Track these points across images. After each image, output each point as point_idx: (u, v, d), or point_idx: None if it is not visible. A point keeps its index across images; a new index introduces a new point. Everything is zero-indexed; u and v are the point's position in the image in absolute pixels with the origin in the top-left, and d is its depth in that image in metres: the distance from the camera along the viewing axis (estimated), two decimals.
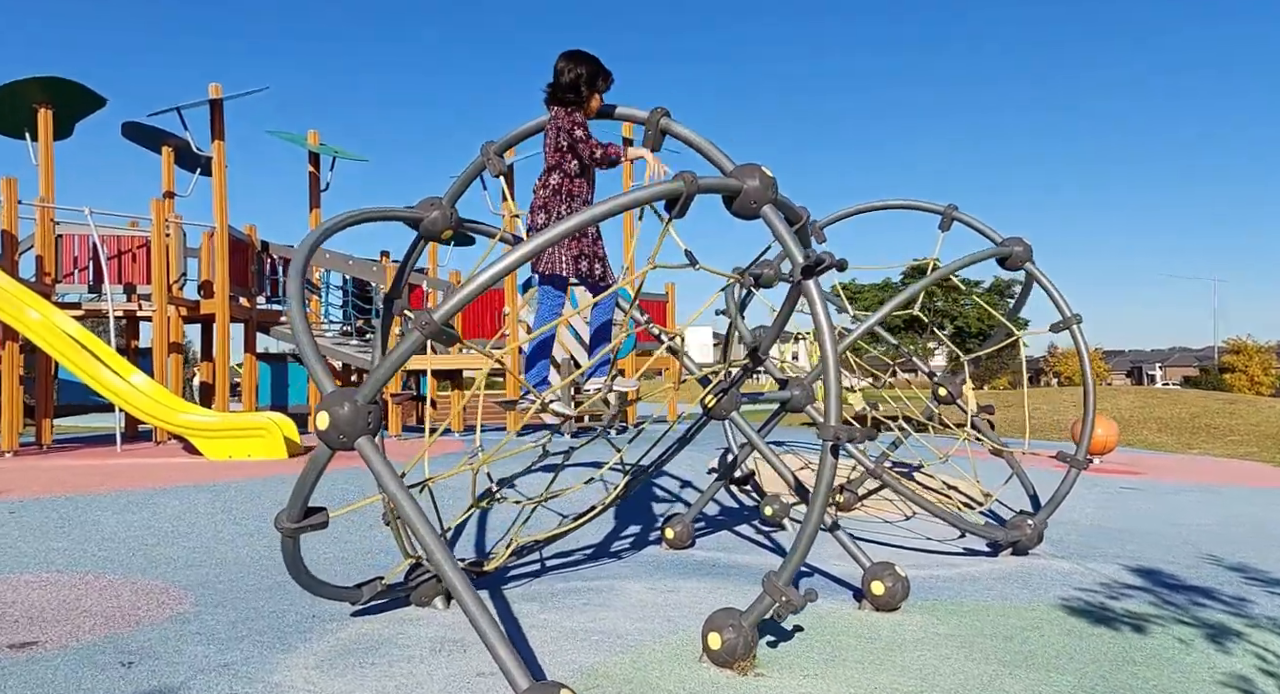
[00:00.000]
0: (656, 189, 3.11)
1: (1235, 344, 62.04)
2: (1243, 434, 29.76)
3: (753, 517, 6.89)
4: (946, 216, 5.75)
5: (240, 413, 9.42)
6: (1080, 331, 5.53)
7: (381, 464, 2.98)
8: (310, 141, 13.17)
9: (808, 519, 3.28)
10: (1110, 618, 4.23)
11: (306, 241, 3.53)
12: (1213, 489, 9.71)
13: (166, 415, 8.22)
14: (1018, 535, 5.43)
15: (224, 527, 5.79)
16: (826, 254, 3.21)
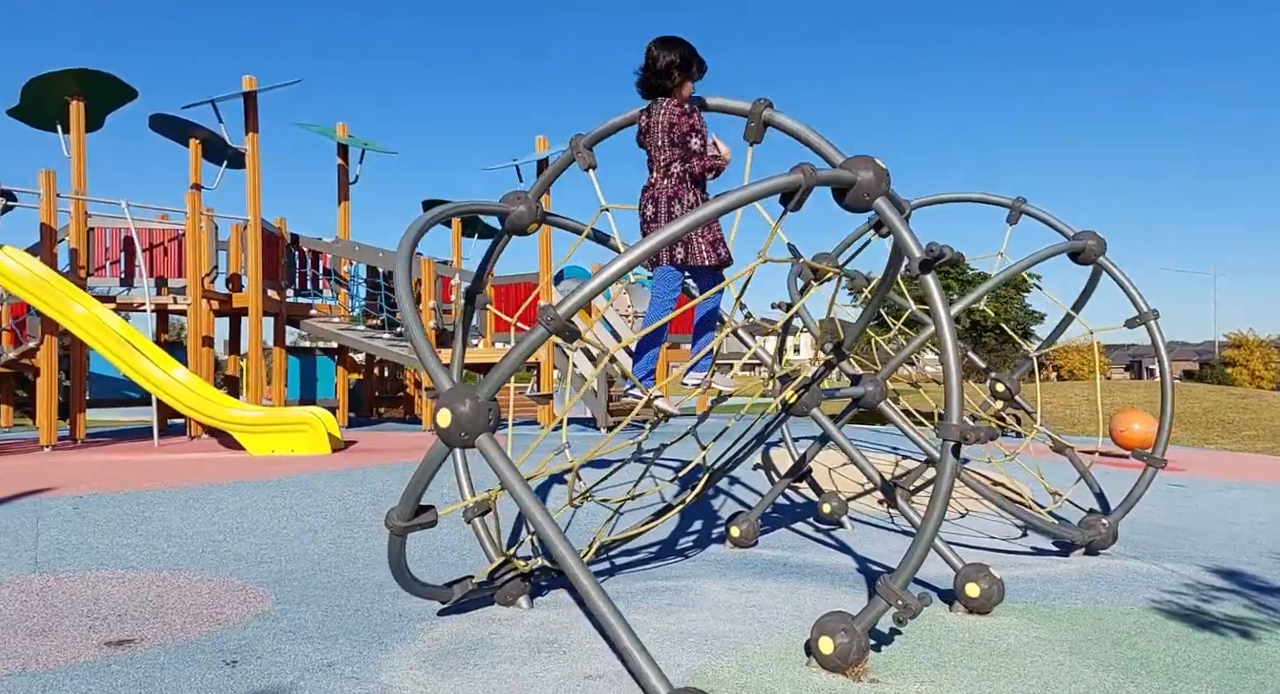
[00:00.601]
0: (777, 181, 3.03)
1: (1236, 338, 61.89)
2: (1257, 429, 29.73)
3: (807, 513, 6.81)
4: (1015, 210, 5.66)
5: (284, 408, 9.36)
6: (1157, 327, 5.45)
7: (504, 462, 2.91)
8: (339, 134, 13.09)
9: (926, 521, 3.21)
10: (1211, 622, 4.15)
11: (406, 239, 3.46)
12: (1258, 486, 9.62)
13: (213, 410, 8.16)
14: (1093, 535, 5.35)
15: (286, 523, 5.73)
16: (946, 247, 3.13)
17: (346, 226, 13.21)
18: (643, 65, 4.00)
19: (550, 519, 2.84)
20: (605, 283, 2.87)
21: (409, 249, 3.38)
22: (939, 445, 3.15)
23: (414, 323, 3.12)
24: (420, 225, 3.52)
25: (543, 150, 10.82)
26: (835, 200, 3.29)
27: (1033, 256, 5.23)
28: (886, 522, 6.71)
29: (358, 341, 11.74)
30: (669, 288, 4.08)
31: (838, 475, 7.58)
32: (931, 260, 3.11)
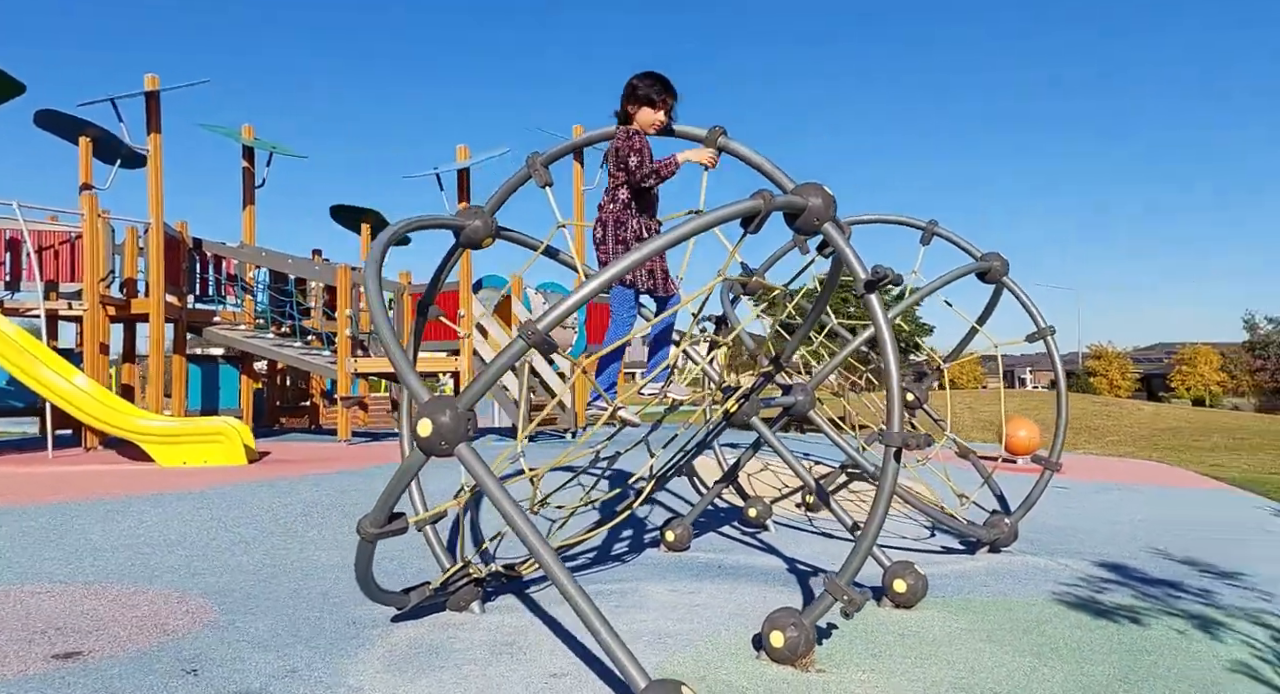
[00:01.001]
0: (741, 207, 3.25)
1: (1097, 350, 66.31)
2: (1119, 434, 31.89)
3: (731, 518, 7.08)
4: (928, 232, 6.06)
5: (198, 418, 9.08)
6: (1053, 342, 5.93)
7: (483, 470, 3.02)
8: (245, 136, 12.76)
9: (870, 521, 3.47)
10: (1106, 611, 4.56)
11: (373, 256, 3.52)
12: (1130, 488, 10.45)
13: (119, 420, 7.87)
14: (998, 534, 5.78)
15: (216, 534, 5.63)
16: (888, 269, 3.41)
17: (252, 231, 12.88)
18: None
19: (531, 524, 2.96)
20: (580, 301, 3.02)
21: (376, 265, 3.45)
22: (882, 452, 3.42)
23: (389, 337, 3.20)
24: (384, 241, 3.59)
25: (464, 159, 10.82)
26: (787, 223, 3.53)
27: (945, 276, 5.63)
28: (805, 524, 7.03)
29: (267, 350, 11.46)
30: (627, 307, 4.26)
31: (755, 481, 7.89)
32: (875, 281, 3.38)
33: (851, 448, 5.59)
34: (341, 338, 10.51)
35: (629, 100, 4.17)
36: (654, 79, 4.15)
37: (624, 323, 4.23)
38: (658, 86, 4.14)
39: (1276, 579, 5.61)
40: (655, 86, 4.13)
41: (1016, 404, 39.31)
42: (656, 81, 4.15)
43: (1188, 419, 36.32)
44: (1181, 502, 9.86)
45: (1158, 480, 11.75)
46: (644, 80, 4.15)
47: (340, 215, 14.48)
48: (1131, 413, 38.58)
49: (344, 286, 10.75)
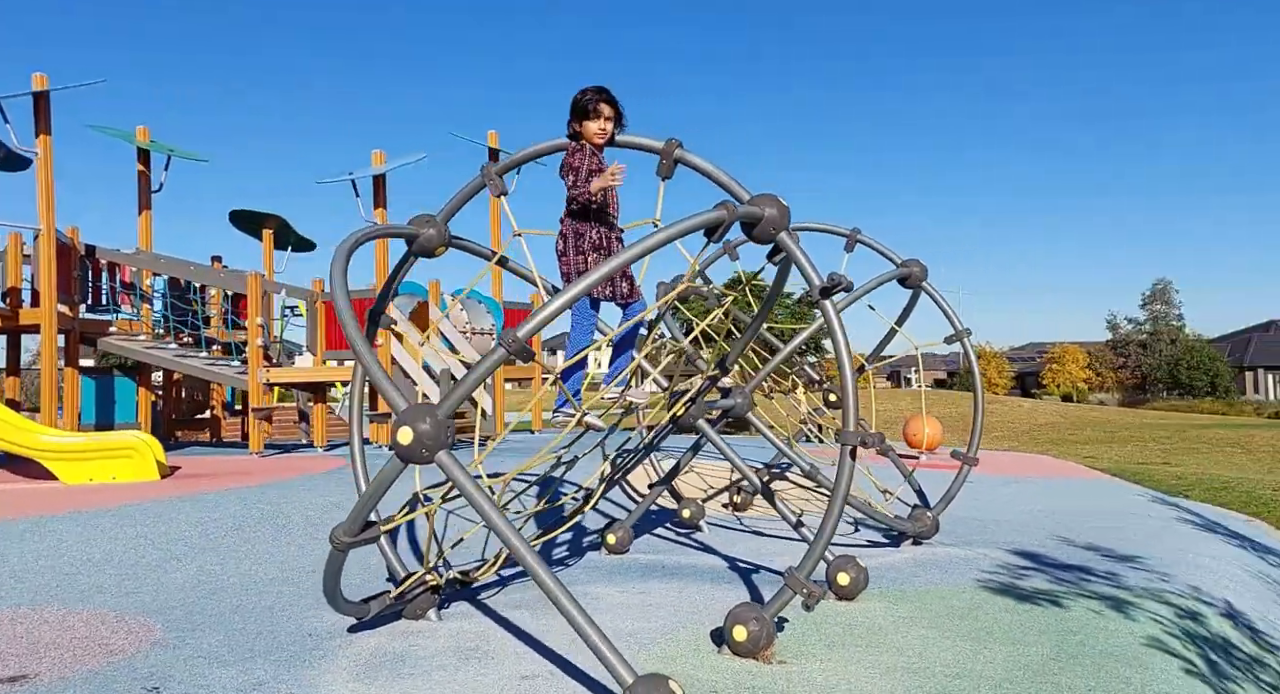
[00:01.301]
0: (706, 217, 3.38)
1: (977, 349, 69.59)
2: (1002, 430, 33.63)
3: (663, 520, 7.21)
4: (851, 239, 6.34)
5: (106, 433, 8.65)
6: (969, 344, 6.29)
7: (465, 477, 3.06)
8: (140, 138, 12.22)
9: (828, 517, 3.64)
10: (1028, 596, 4.88)
11: (336, 267, 3.49)
12: (1028, 480, 11.07)
13: (19, 437, 7.44)
14: (921, 527, 6.08)
15: (144, 552, 5.42)
16: (842, 275, 3.60)
17: (148, 237, 12.32)
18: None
19: (515, 530, 3.01)
20: (556, 311, 3.09)
21: (341, 277, 3.43)
22: (840, 450, 3.60)
23: (363, 346, 3.19)
24: (346, 251, 3.57)
25: (380, 165, 10.64)
26: (744, 232, 3.68)
27: (870, 283, 5.90)
28: (735, 523, 7.23)
29: (170, 361, 11.00)
30: (587, 318, 4.34)
31: (680, 482, 8.05)
32: (830, 288, 3.56)
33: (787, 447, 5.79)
34: (253, 347, 10.19)
35: (573, 115, 4.32)
36: (592, 91, 4.28)
37: (584, 332, 4.31)
38: (594, 98, 4.26)
39: (1169, 560, 6.08)
40: (592, 98, 4.26)
41: (908, 403, 40.89)
42: (593, 93, 4.28)
43: (1062, 414, 38.56)
44: (1071, 491, 10.50)
45: (1048, 472, 12.48)
46: (583, 94, 4.27)
47: (240, 220, 13.99)
48: (1012, 409, 40.70)
49: (254, 294, 10.42)
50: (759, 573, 5.38)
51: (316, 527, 6.18)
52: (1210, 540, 7.25)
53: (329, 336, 10.65)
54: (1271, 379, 58.59)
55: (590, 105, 4.30)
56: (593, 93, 4.32)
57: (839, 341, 3.59)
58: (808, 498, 8.08)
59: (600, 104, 4.30)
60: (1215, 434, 26.02)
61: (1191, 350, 58.67)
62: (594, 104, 4.30)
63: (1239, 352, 60.69)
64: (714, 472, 8.44)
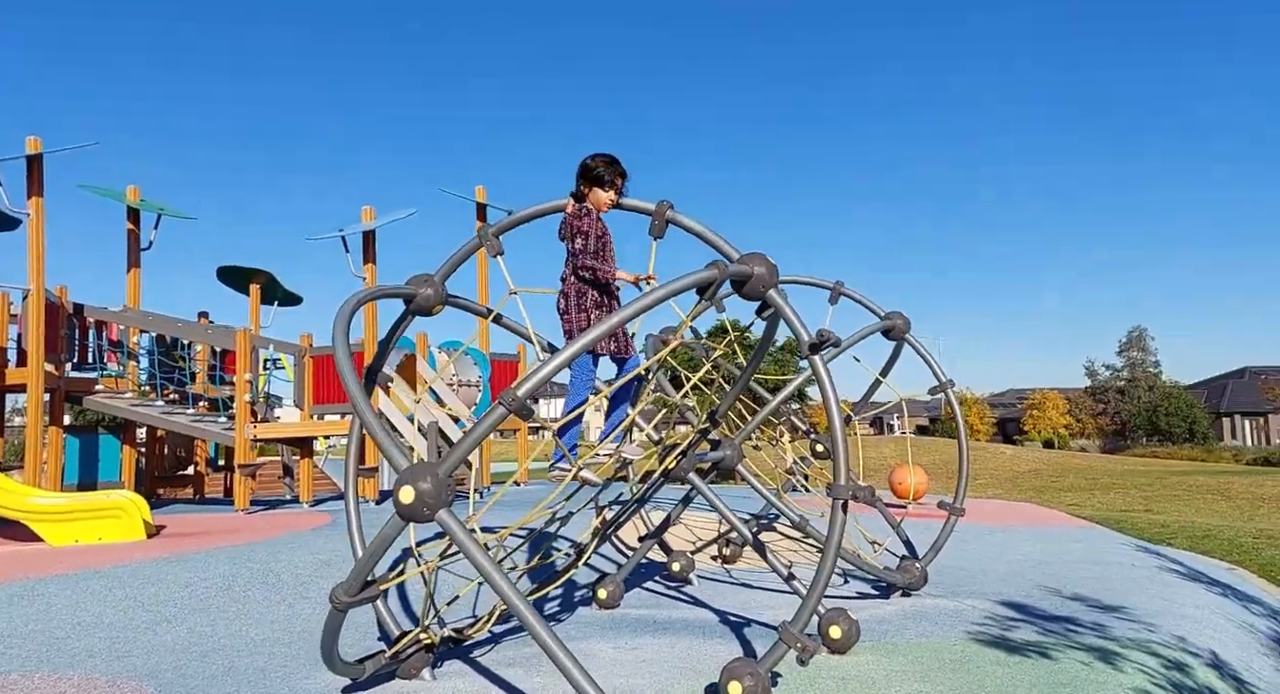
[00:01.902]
0: (700, 276, 3.51)
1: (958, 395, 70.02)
2: (986, 477, 33.75)
3: (652, 573, 7.22)
4: (835, 292, 6.48)
5: (92, 493, 8.58)
6: (952, 394, 6.41)
7: (465, 535, 3.11)
8: (130, 198, 12.33)
9: (820, 570, 3.71)
10: (1018, 648, 4.92)
11: (339, 327, 3.58)
12: (1014, 529, 11.13)
13: (7, 500, 7.38)
14: (910, 578, 6.13)
15: (134, 614, 5.39)
16: (828, 331, 3.72)
17: (137, 294, 12.36)
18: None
19: (515, 588, 3.06)
20: (556, 369, 3.19)
21: (343, 337, 3.52)
22: (832, 504, 3.67)
23: (364, 405, 3.26)
24: (349, 311, 3.66)
25: (369, 221, 10.79)
26: (734, 289, 3.81)
27: (856, 335, 6.03)
28: (724, 576, 7.25)
29: (156, 418, 10.96)
30: (586, 373, 4.44)
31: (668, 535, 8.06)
32: (819, 344, 3.68)
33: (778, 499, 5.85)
34: (240, 403, 10.18)
35: (582, 179, 4.47)
36: (606, 160, 4.43)
37: (582, 388, 4.40)
38: (609, 168, 4.42)
39: (1154, 610, 6.15)
40: (607, 168, 4.41)
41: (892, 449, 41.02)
42: (608, 163, 4.43)
43: (1044, 461, 38.73)
44: (1056, 540, 10.56)
45: (1032, 521, 12.54)
46: (597, 161, 4.42)
47: (228, 276, 14.07)
48: (995, 456, 40.87)
49: (243, 350, 10.45)
50: (750, 626, 5.41)
51: (307, 585, 6.16)
52: (1194, 589, 7.32)
53: (316, 391, 10.67)
54: (1248, 425, 59.22)
55: (606, 176, 4.47)
56: (610, 164, 4.50)
57: (828, 396, 3.69)
58: (795, 549, 8.10)
59: (617, 177, 4.48)
60: (1195, 481, 26.21)
61: (1169, 397, 59.30)
62: (610, 176, 4.48)
63: (1215, 398, 61.40)
64: (701, 524, 8.47)
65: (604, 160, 4.43)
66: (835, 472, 3.67)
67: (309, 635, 5.22)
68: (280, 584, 6.15)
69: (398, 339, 4.46)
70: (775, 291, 3.78)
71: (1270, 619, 6.86)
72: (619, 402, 4.62)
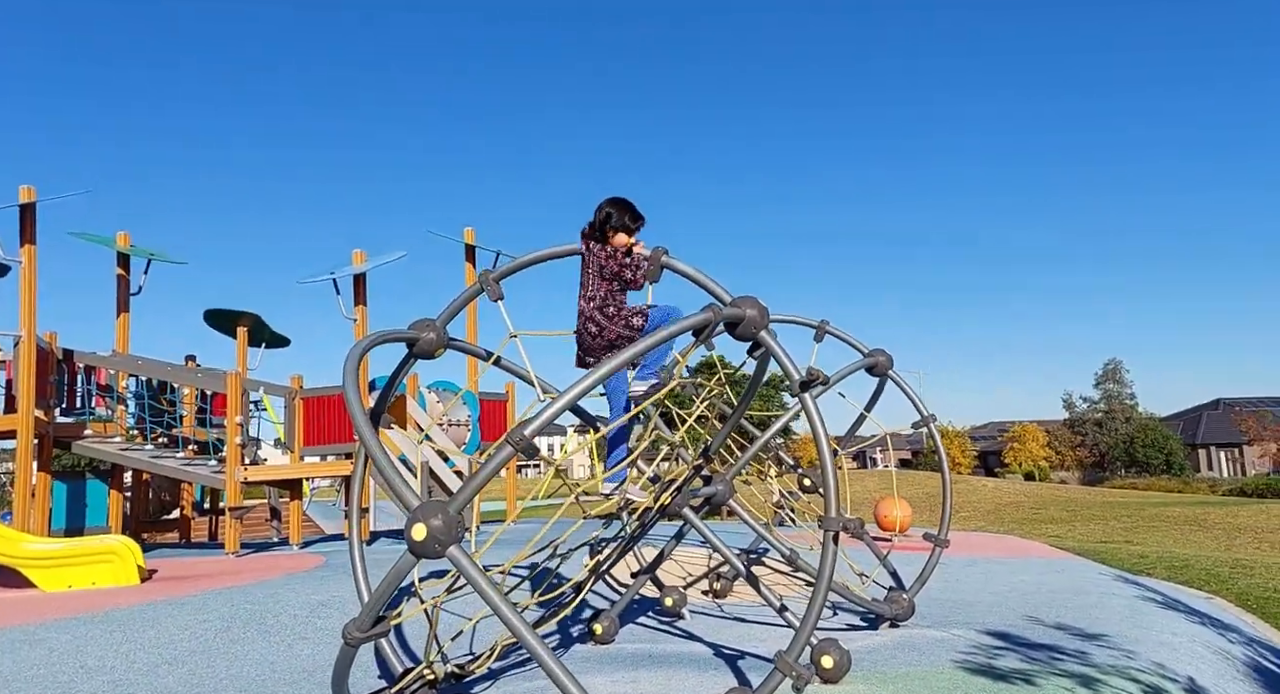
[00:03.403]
0: (696, 319, 3.71)
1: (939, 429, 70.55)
2: (969, 510, 33.96)
3: (645, 608, 7.32)
4: (820, 331, 6.70)
5: (85, 538, 8.60)
6: (934, 429, 6.62)
7: (475, 570, 3.25)
8: (120, 244, 12.46)
9: (813, 601, 3.86)
10: (1004, 675, 5.07)
11: (349, 372, 3.73)
12: (996, 560, 11.31)
13: (3, 546, 7.40)
14: (898, 610, 6.28)
15: (136, 657, 5.44)
16: (818, 370, 3.92)
17: (126, 339, 12.45)
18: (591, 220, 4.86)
19: (526, 623, 3.20)
20: (561, 409, 3.36)
21: (354, 378, 3.68)
22: (824, 536, 3.84)
23: (375, 445, 3.41)
24: (358, 355, 3.82)
25: (360, 264, 10.96)
26: (727, 331, 4.01)
27: (840, 373, 6.24)
28: (716, 611, 7.36)
29: (146, 463, 10.99)
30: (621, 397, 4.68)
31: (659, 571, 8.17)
32: (809, 382, 3.87)
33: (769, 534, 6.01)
34: (231, 446, 10.24)
35: (608, 224, 4.76)
36: (631, 209, 4.80)
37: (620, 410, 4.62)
38: (633, 215, 4.79)
39: (1134, 638, 6.33)
40: (631, 215, 4.79)
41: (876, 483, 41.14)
42: (632, 211, 4.80)
43: (1026, 493, 39.03)
44: (1039, 570, 10.74)
45: (1015, 552, 12.73)
46: (619, 208, 4.77)
47: (215, 319, 14.17)
48: (977, 489, 41.16)
49: (234, 393, 10.53)
50: (744, 659, 5.53)
51: (305, 626, 6.23)
52: (1172, 618, 7.50)
53: (307, 432, 10.75)
54: (1223, 456, 59.91)
55: (632, 223, 4.82)
56: (635, 213, 4.84)
57: (819, 432, 3.88)
58: (786, 583, 8.23)
59: (639, 224, 4.84)
60: (1173, 512, 26.53)
61: (1145, 428, 60.01)
62: (635, 223, 4.83)
63: (1190, 429, 62.15)
64: (692, 559, 8.59)
65: (631, 210, 4.80)
66: (826, 505, 3.84)
67: (310, 675, 5.29)
68: (278, 625, 6.22)
69: (399, 382, 4.62)
70: (766, 332, 3.98)
71: (1246, 646, 7.05)
72: (618, 441, 4.79)
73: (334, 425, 10.74)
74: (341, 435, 10.77)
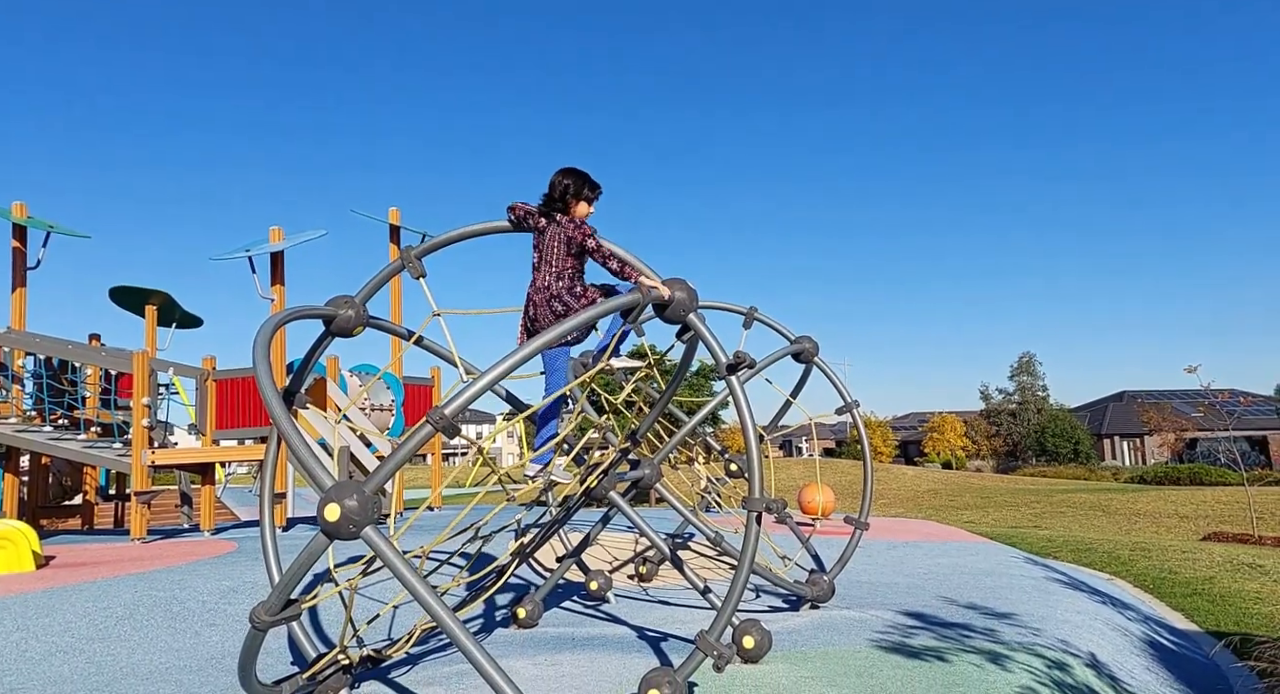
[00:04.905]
0: (625, 299, 3.67)
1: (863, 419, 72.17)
2: (889, 497, 34.84)
3: (570, 593, 7.28)
4: (749, 317, 6.74)
5: None
6: (858, 415, 6.71)
7: (392, 552, 3.16)
8: (17, 214, 11.80)
9: (736, 580, 3.87)
10: (916, 653, 5.19)
11: (260, 348, 3.59)
12: (914, 544, 11.59)
13: None
14: (819, 591, 6.37)
15: (29, 645, 5.17)
16: (745, 354, 3.92)
17: (23, 315, 11.80)
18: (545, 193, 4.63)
19: (444, 604, 3.12)
20: (484, 388, 3.28)
21: (264, 358, 3.53)
22: (747, 516, 3.85)
23: (288, 425, 3.28)
24: (269, 332, 3.67)
25: (278, 242, 10.59)
26: (656, 313, 3.98)
27: (767, 359, 6.28)
28: (641, 594, 7.36)
29: (45, 445, 10.46)
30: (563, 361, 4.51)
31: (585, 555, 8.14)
32: (735, 365, 3.87)
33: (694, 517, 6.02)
34: (138, 429, 9.82)
35: (570, 193, 4.57)
36: (588, 178, 4.62)
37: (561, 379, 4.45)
38: (591, 184, 4.62)
39: (1040, 616, 6.54)
40: (589, 184, 4.61)
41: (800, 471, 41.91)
42: (590, 180, 4.62)
43: (943, 481, 40.17)
44: (954, 554, 11.04)
45: (932, 537, 13.06)
46: (577, 178, 4.58)
47: (122, 297, 13.55)
48: (898, 477, 42.21)
49: (141, 373, 10.08)
50: (667, 641, 5.54)
51: (214, 613, 6.01)
52: (1076, 597, 7.79)
53: (220, 415, 10.38)
54: (1126, 446, 62.59)
55: (591, 193, 4.63)
56: (592, 183, 4.67)
57: (744, 414, 3.88)
58: (710, 567, 8.29)
59: (595, 190, 4.66)
60: (1079, 498, 27.61)
61: (1055, 419, 62.22)
62: (594, 192, 4.65)
63: (1097, 420, 64.71)
64: (617, 544, 8.58)
65: (588, 180, 4.63)
66: (750, 486, 3.85)
67: (217, 662, 5.12)
68: (185, 612, 5.99)
69: (316, 360, 4.47)
70: (695, 315, 3.96)
71: (1142, 624, 7.36)
72: (548, 418, 4.68)
73: (249, 408, 10.38)
74: (258, 419, 10.42)
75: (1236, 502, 22.22)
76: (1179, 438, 51.35)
